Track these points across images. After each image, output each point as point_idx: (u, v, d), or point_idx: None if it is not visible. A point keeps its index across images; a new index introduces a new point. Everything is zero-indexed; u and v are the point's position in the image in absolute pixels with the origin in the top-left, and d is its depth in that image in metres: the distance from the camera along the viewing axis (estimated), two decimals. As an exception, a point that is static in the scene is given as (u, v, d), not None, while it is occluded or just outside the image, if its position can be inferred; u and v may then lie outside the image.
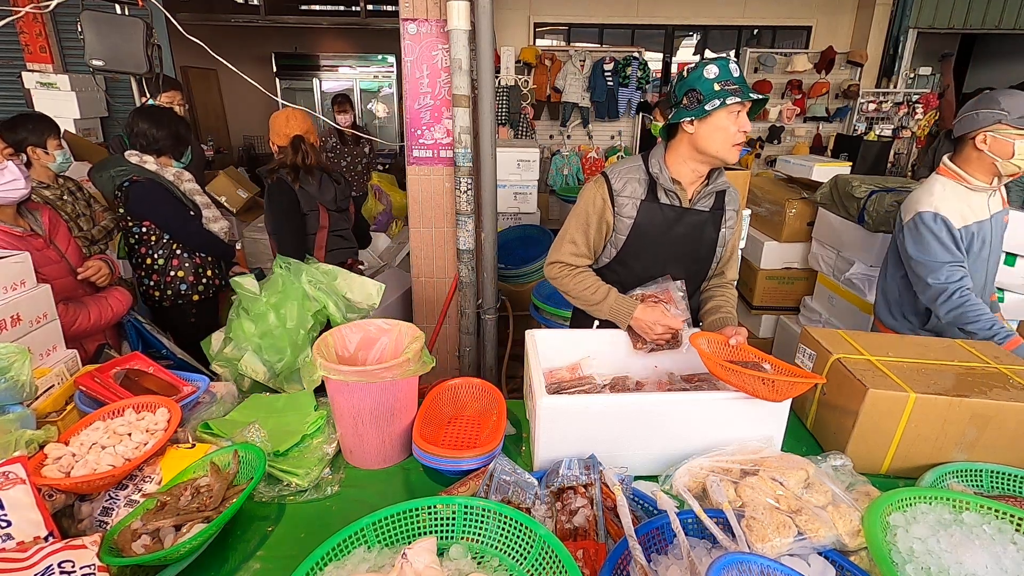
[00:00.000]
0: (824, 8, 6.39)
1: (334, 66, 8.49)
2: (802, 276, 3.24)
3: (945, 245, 1.77)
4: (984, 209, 1.85)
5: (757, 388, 1.17)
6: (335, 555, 0.89)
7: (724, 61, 1.43)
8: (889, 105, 6.23)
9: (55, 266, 1.79)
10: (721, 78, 1.41)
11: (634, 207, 1.53)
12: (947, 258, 1.77)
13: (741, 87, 1.41)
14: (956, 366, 1.38)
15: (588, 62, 5.98)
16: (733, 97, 1.38)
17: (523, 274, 3.47)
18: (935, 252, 1.78)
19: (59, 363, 1.45)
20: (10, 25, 2.88)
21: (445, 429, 1.39)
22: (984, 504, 1.01)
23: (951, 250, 1.77)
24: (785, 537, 0.94)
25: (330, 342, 1.34)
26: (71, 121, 4.49)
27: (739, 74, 1.42)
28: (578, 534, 0.99)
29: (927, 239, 1.80)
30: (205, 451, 1.19)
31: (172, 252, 2.37)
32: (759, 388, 1.17)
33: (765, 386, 1.16)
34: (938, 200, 1.81)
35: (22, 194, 1.72)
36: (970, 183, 1.82)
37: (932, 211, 1.79)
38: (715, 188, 1.57)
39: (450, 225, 2.66)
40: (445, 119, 2.52)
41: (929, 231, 1.79)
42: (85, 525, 1.05)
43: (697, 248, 1.60)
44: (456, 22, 2.20)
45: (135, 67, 2.76)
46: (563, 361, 1.54)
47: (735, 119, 1.42)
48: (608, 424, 1.19)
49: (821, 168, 3.72)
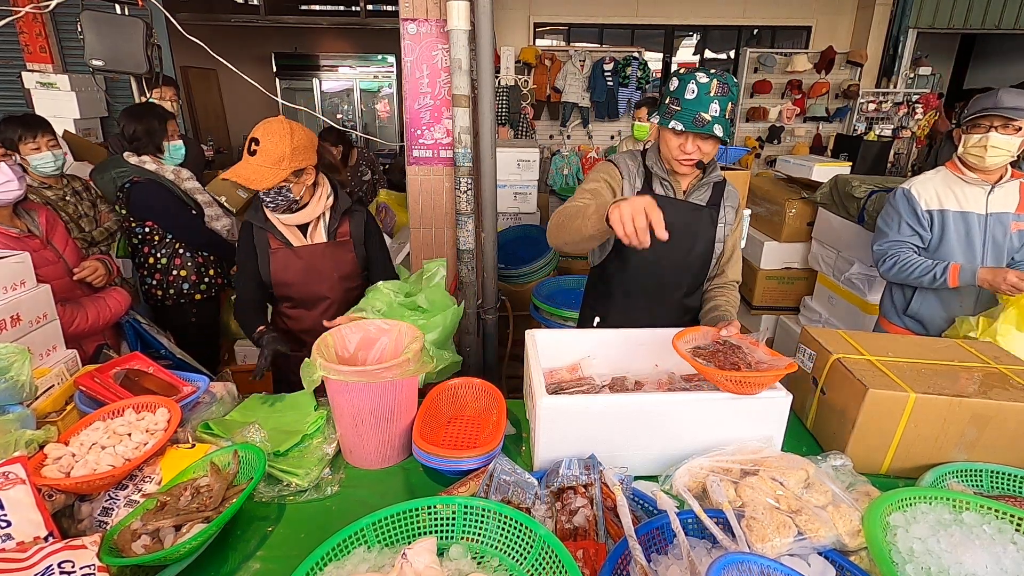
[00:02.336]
0: (824, 8, 6.39)
1: (334, 66, 8.49)
2: (802, 276, 3.24)
3: (902, 221, 1.98)
4: (979, 203, 1.90)
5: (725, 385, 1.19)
6: (335, 555, 0.89)
7: (688, 78, 1.41)
8: (889, 105, 6.24)
9: (52, 267, 1.78)
10: (675, 94, 1.43)
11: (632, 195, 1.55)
12: (894, 235, 2.00)
13: (686, 113, 1.39)
14: (956, 366, 1.38)
15: (588, 62, 5.98)
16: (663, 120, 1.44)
17: (523, 274, 3.47)
18: (889, 225, 2.02)
19: (59, 363, 1.45)
20: (10, 25, 2.88)
21: (445, 429, 1.39)
22: (984, 504, 1.01)
23: (902, 227, 1.98)
24: (785, 537, 0.94)
25: (330, 342, 1.34)
26: (71, 121, 4.48)
27: (695, 97, 1.39)
28: (578, 534, 0.99)
29: (889, 211, 2.04)
30: (205, 451, 1.19)
31: (175, 251, 2.38)
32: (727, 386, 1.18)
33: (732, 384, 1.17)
34: (919, 181, 2.00)
35: (16, 195, 1.72)
36: (964, 175, 1.92)
37: (905, 187, 2.01)
38: (709, 180, 1.59)
39: (450, 225, 2.66)
40: (445, 119, 2.52)
41: (892, 204, 2.02)
42: (85, 525, 1.05)
43: (693, 242, 1.61)
44: (456, 22, 2.20)
45: (135, 67, 2.76)
46: (563, 361, 1.54)
47: (676, 137, 1.45)
48: (608, 424, 1.19)
49: (821, 168, 3.73)
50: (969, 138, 1.85)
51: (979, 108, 1.82)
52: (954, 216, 1.92)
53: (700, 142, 1.45)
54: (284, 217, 1.67)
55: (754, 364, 1.23)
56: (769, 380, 1.18)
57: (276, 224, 1.69)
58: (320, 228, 1.74)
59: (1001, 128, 1.78)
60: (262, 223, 1.69)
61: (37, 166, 2.34)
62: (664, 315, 1.68)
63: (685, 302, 1.71)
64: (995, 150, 1.79)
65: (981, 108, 1.81)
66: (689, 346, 1.31)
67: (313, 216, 1.70)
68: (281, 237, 1.70)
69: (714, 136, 1.42)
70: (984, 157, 1.81)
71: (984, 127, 1.81)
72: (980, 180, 1.89)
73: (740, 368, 1.20)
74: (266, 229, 1.69)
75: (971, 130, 1.84)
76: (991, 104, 1.78)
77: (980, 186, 1.90)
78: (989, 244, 1.91)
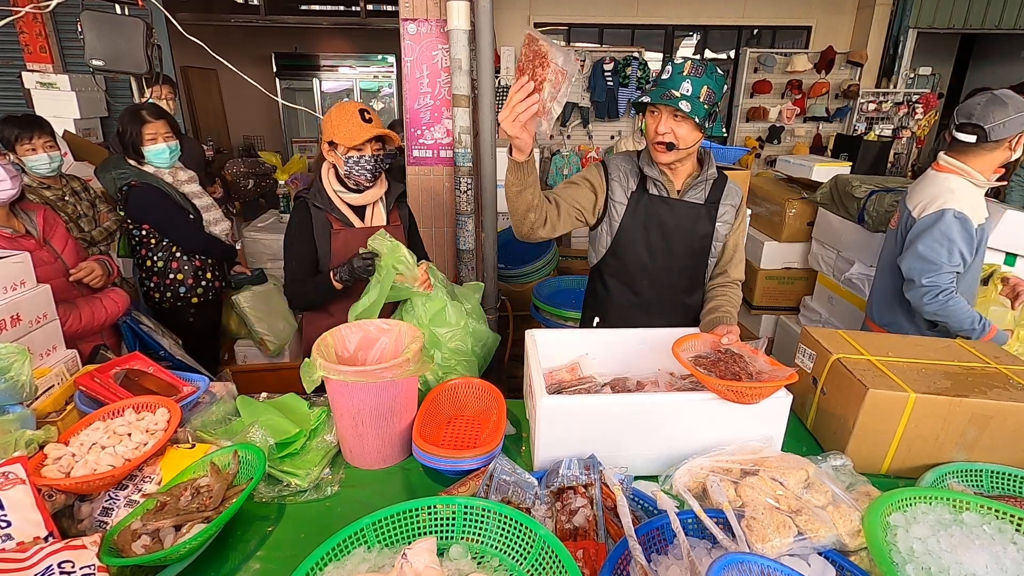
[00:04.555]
0: (824, 8, 6.40)
1: (334, 66, 8.48)
2: (802, 276, 3.24)
3: (958, 250, 1.75)
4: (985, 209, 1.87)
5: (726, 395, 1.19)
6: (335, 555, 0.89)
7: (668, 61, 1.44)
8: (889, 105, 6.24)
9: (49, 267, 1.77)
10: (656, 79, 1.44)
11: (625, 195, 1.57)
12: (952, 264, 1.76)
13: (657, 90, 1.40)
14: (956, 366, 1.38)
15: (588, 62, 5.98)
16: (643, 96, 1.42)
17: (523, 274, 3.48)
18: (943, 254, 1.75)
19: (59, 363, 1.45)
20: (10, 25, 2.88)
21: (445, 429, 1.39)
22: (984, 504, 1.01)
23: (960, 255, 1.75)
24: (785, 537, 0.94)
25: (330, 342, 1.34)
26: (71, 121, 4.49)
27: (668, 77, 1.40)
28: (578, 534, 0.99)
29: (943, 239, 1.75)
30: (205, 451, 1.19)
31: (171, 255, 2.37)
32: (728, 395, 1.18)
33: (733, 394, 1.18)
34: (957, 198, 1.77)
35: (10, 195, 1.72)
36: (976, 180, 1.81)
37: (958, 210, 1.75)
38: (705, 178, 1.58)
39: (450, 225, 2.66)
40: (445, 119, 2.52)
41: (949, 232, 1.75)
42: (85, 525, 1.05)
43: (690, 241, 1.60)
44: (456, 22, 2.20)
45: (135, 67, 2.76)
46: (563, 361, 1.54)
47: (652, 119, 1.44)
48: (608, 424, 1.19)
49: (821, 168, 3.73)
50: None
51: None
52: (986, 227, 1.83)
53: (673, 123, 1.42)
54: (352, 197, 1.74)
55: (755, 374, 1.24)
56: (768, 391, 1.18)
57: (339, 205, 1.74)
58: (378, 211, 1.82)
59: None
60: (324, 204, 1.73)
61: (33, 167, 2.34)
62: (663, 314, 1.68)
63: (685, 301, 1.70)
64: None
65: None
66: (689, 354, 1.32)
67: (376, 197, 1.79)
68: (343, 218, 1.75)
69: (686, 117, 1.39)
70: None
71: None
72: (985, 182, 1.83)
73: (741, 378, 1.20)
74: (327, 210, 1.73)
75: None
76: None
77: (983, 189, 1.87)
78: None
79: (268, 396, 1.48)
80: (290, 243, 1.77)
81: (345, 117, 1.64)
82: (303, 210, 1.74)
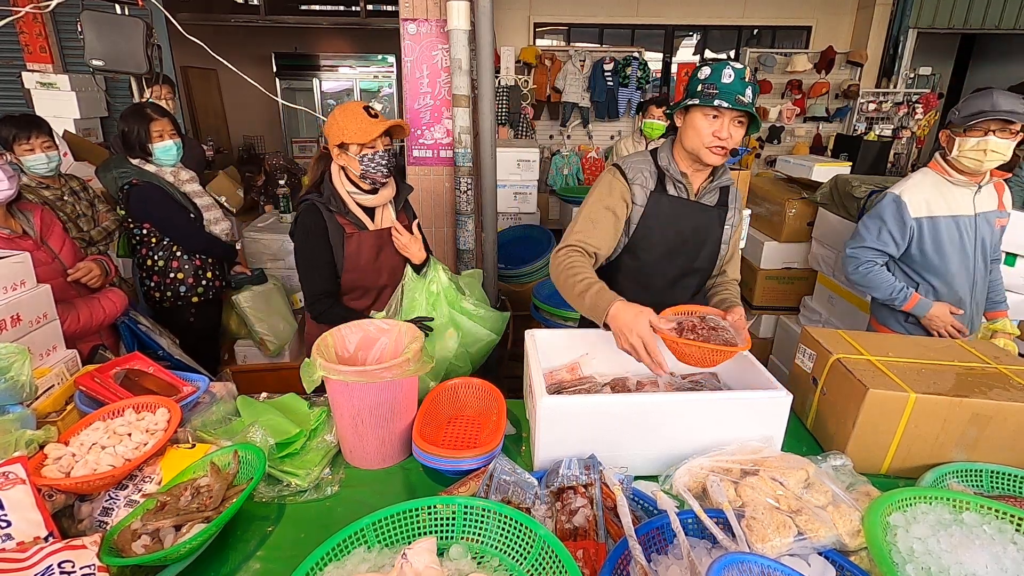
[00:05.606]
0: (824, 8, 6.40)
1: (334, 66, 8.49)
2: (802, 276, 3.24)
3: (887, 231, 1.95)
4: (967, 205, 1.90)
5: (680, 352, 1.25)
6: (335, 555, 0.89)
7: (722, 66, 1.43)
8: (889, 105, 6.24)
9: (47, 267, 1.77)
10: (709, 80, 1.42)
11: (644, 196, 1.55)
12: (878, 242, 1.97)
13: (727, 95, 1.40)
14: (956, 366, 1.38)
15: (588, 62, 5.99)
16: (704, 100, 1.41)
17: (523, 274, 3.48)
18: (872, 231, 1.99)
19: (59, 363, 1.45)
20: (10, 25, 2.88)
21: (445, 429, 1.39)
22: (984, 504, 1.01)
23: (882, 234, 1.96)
24: (785, 537, 0.94)
25: (330, 342, 1.34)
26: (71, 121, 4.49)
27: (732, 81, 1.40)
28: (578, 534, 0.99)
29: (874, 215, 1.99)
30: (205, 451, 1.19)
31: (172, 254, 2.37)
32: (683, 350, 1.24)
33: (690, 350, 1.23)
34: (909, 187, 1.95)
35: (7, 196, 1.72)
36: (952, 176, 1.90)
37: (896, 192, 1.96)
38: (719, 183, 1.58)
39: (450, 225, 2.67)
40: (445, 119, 2.52)
41: (883, 212, 1.97)
42: (85, 525, 1.05)
43: (703, 243, 1.60)
44: (456, 22, 2.20)
45: (135, 67, 2.76)
46: (563, 361, 1.54)
47: (710, 122, 1.43)
48: (608, 424, 1.19)
49: (821, 168, 3.73)
50: (965, 141, 1.81)
51: (975, 111, 1.77)
52: (946, 222, 1.90)
53: (733, 128, 1.44)
54: (365, 199, 1.73)
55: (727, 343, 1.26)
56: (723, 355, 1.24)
57: (353, 207, 1.73)
58: (388, 213, 1.82)
59: (999, 132, 1.75)
60: (337, 208, 1.72)
61: (31, 167, 2.33)
62: None
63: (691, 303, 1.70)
64: (994, 154, 1.77)
65: (978, 111, 1.77)
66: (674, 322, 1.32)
67: (388, 199, 1.79)
68: (356, 221, 1.74)
69: (750, 116, 1.42)
70: (983, 161, 1.79)
71: (982, 131, 1.77)
72: (967, 182, 1.88)
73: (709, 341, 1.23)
74: (340, 213, 1.73)
75: (968, 133, 1.80)
76: (988, 107, 1.74)
77: (967, 187, 1.89)
78: (978, 244, 1.92)
79: (268, 396, 1.48)
80: (306, 248, 1.72)
81: (352, 117, 1.62)
82: (314, 213, 1.70)
